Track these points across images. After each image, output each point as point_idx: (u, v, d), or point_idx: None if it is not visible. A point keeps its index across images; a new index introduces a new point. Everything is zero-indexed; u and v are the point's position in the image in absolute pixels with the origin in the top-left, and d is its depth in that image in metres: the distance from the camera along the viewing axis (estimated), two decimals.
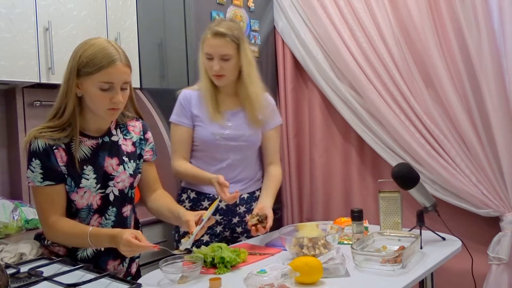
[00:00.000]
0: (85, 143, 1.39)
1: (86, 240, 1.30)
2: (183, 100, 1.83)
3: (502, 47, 1.95)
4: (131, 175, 1.46)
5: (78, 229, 1.34)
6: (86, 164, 1.37)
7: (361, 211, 1.64)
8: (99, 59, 1.31)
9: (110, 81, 1.32)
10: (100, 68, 1.30)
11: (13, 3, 1.92)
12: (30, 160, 1.33)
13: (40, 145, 1.32)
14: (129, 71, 1.37)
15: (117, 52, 1.33)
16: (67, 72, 1.36)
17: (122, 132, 1.49)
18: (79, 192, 1.36)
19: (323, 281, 1.28)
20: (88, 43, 1.35)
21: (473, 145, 2.02)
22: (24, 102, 2.23)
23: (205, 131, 1.79)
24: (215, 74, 1.75)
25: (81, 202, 1.37)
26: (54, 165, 1.33)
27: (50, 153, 1.33)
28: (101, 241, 1.31)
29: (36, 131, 1.34)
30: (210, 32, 1.73)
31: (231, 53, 1.73)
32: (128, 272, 1.51)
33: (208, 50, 1.74)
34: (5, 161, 2.24)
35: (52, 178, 1.33)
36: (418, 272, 1.36)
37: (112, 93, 1.33)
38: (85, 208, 1.39)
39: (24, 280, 1.18)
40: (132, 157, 1.48)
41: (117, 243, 1.27)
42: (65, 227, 1.34)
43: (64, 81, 1.36)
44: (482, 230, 2.06)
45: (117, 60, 1.32)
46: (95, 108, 1.35)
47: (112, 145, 1.44)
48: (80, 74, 1.32)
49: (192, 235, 1.37)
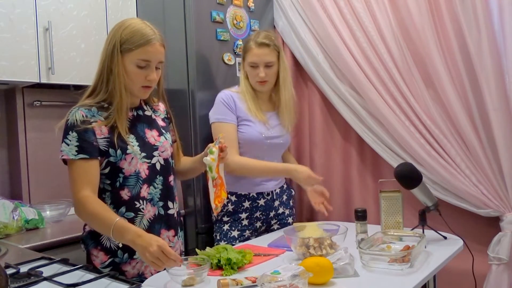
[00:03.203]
0: None
1: (109, 227, 1.29)
2: (226, 99, 1.99)
3: (502, 47, 1.94)
4: (171, 145, 1.59)
5: (106, 214, 1.33)
6: (127, 134, 1.44)
7: (365, 210, 1.65)
8: (138, 37, 1.39)
9: (147, 59, 1.40)
10: (139, 46, 1.38)
11: (13, 3, 1.92)
12: (66, 133, 1.38)
13: (78, 118, 1.38)
14: (164, 51, 1.46)
15: (153, 32, 1.42)
16: (106, 51, 1.42)
17: (151, 109, 1.59)
18: (127, 158, 1.43)
19: (333, 282, 1.28)
20: (126, 22, 1.43)
21: (473, 145, 2.01)
22: (24, 102, 2.23)
23: (253, 130, 1.98)
24: (260, 80, 1.98)
25: (129, 169, 1.43)
26: (91, 138, 1.38)
27: (88, 127, 1.38)
28: (123, 233, 1.28)
29: (76, 107, 1.41)
30: (253, 43, 1.97)
31: (274, 60, 1.98)
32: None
33: (254, 59, 1.96)
34: (5, 161, 2.25)
35: (87, 152, 1.37)
36: (425, 271, 1.37)
37: (148, 71, 1.42)
38: (133, 175, 1.44)
39: (24, 280, 1.17)
40: (166, 129, 1.60)
41: (147, 242, 1.22)
42: (95, 207, 1.34)
43: (101, 61, 1.43)
44: (482, 230, 2.06)
45: (154, 39, 1.41)
46: (130, 84, 1.43)
47: (148, 118, 1.55)
48: (120, 51, 1.39)
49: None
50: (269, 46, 1.97)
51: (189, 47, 2.16)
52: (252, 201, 2.02)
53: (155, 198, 1.51)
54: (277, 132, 2.05)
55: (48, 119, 2.29)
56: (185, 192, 2.19)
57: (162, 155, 1.53)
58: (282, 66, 2.02)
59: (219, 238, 2.01)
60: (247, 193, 2.01)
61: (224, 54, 2.28)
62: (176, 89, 2.19)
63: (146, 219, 1.48)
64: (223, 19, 2.29)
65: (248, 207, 2.01)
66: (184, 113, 2.15)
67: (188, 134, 2.15)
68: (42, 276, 1.20)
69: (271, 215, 2.07)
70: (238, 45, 2.34)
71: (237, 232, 1.99)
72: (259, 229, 2.05)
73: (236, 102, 1.99)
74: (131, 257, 1.46)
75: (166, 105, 1.66)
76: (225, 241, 1.99)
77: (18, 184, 2.22)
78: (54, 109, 2.32)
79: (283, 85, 2.03)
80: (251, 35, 2.05)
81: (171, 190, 1.56)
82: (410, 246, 1.48)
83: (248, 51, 1.99)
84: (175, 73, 2.18)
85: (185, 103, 2.16)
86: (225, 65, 2.29)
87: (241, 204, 2.01)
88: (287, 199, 2.17)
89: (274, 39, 2.02)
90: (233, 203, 2.00)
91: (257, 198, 2.03)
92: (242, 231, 2.00)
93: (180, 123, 1.99)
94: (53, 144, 1.41)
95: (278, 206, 2.10)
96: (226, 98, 2.00)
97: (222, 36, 2.28)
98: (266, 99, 2.09)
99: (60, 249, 1.73)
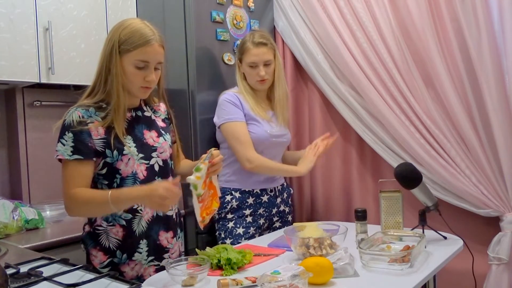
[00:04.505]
0: None
1: (106, 202, 1.31)
2: (233, 99, 2.02)
3: (502, 47, 1.94)
4: (170, 146, 1.58)
5: (98, 193, 1.38)
6: (124, 135, 1.44)
7: (365, 211, 1.65)
8: (137, 37, 1.38)
9: (146, 59, 1.40)
10: (138, 46, 1.38)
11: (13, 3, 1.92)
12: (63, 133, 1.38)
13: (75, 119, 1.38)
14: (163, 52, 1.45)
15: (153, 33, 1.41)
16: (105, 51, 1.42)
17: (151, 110, 1.59)
18: (124, 159, 1.42)
19: (333, 282, 1.28)
20: (125, 23, 1.42)
21: (473, 145, 2.01)
22: (24, 102, 2.23)
23: (261, 130, 2.03)
24: (260, 79, 2.02)
25: (126, 170, 1.43)
26: (86, 140, 1.38)
27: (84, 128, 1.38)
28: (121, 198, 1.32)
29: (74, 107, 1.41)
30: (251, 43, 2.01)
31: (271, 58, 2.03)
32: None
33: (253, 59, 2.00)
34: (5, 161, 2.25)
35: (81, 153, 1.37)
36: (425, 271, 1.37)
37: (146, 72, 1.41)
38: (130, 176, 1.44)
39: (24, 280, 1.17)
40: (166, 130, 1.59)
41: (150, 188, 1.29)
42: (85, 193, 1.37)
43: (101, 61, 1.43)
44: (482, 230, 2.06)
45: (153, 40, 1.40)
46: (129, 85, 1.42)
47: (147, 119, 1.54)
48: (119, 51, 1.39)
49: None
50: (266, 45, 2.01)
51: (189, 47, 2.16)
52: (256, 197, 2.06)
53: None
54: (280, 130, 2.10)
55: (48, 119, 2.29)
56: (185, 192, 2.18)
57: (160, 156, 1.52)
58: (278, 64, 2.07)
59: (224, 236, 2.02)
60: (251, 190, 2.05)
61: (224, 54, 2.28)
62: (176, 89, 2.19)
63: (145, 220, 1.48)
64: (223, 19, 2.29)
65: (252, 204, 2.05)
66: (184, 113, 2.15)
67: (188, 134, 2.15)
68: (42, 276, 1.19)
69: (273, 212, 2.12)
70: (238, 45, 2.34)
71: (242, 230, 2.01)
72: (262, 226, 2.09)
73: (242, 102, 2.03)
74: (129, 258, 1.46)
75: (166, 106, 1.65)
76: (231, 238, 2.00)
77: (18, 184, 2.22)
78: (54, 109, 2.32)
79: (278, 83, 2.08)
80: (246, 36, 2.08)
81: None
82: (410, 246, 1.48)
83: (246, 51, 2.02)
84: (175, 73, 2.18)
85: (185, 103, 2.16)
86: (225, 65, 2.29)
87: (245, 200, 2.04)
88: (287, 197, 2.21)
89: (270, 37, 2.07)
90: (237, 199, 2.03)
91: (261, 194, 2.07)
92: (247, 228, 2.02)
93: (180, 123, 1.98)
94: (53, 144, 1.41)
95: (280, 203, 2.14)
96: (232, 98, 2.02)
97: (222, 36, 2.28)
98: (264, 98, 2.13)
99: (60, 249, 1.73)
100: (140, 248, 1.47)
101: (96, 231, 1.46)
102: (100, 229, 1.46)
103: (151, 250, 1.49)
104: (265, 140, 2.03)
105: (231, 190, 2.04)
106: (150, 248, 1.49)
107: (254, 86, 2.06)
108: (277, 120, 2.10)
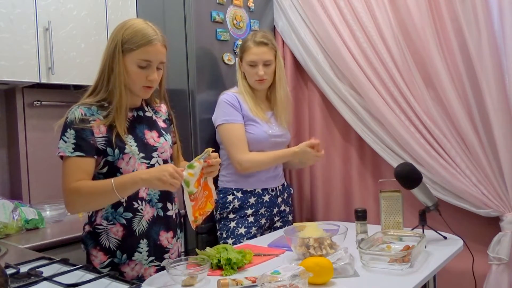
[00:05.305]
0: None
1: (110, 190, 1.32)
2: (232, 100, 2.03)
3: (502, 47, 1.94)
4: (170, 146, 1.59)
5: (101, 183, 1.38)
6: (126, 134, 1.44)
7: (365, 210, 1.65)
8: (140, 37, 1.40)
9: (148, 59, 1.41)
10: (140, 46, 1.39)
11: (13, 3, 1.92)
12: (64, 131, 1.39)
13: (77, 117, 1.39)
14: (166, 52, 1.46)
15: (155, 33, 1.43)
16: (108, 50, 1.43)
17: (152, 111, 1.60)
18: (125, 158, 1.43)
19: (333, 282, 1.28)
20: (128, 23, 1.44)
21: (473, 145, 2.01)
22: (24, 102, 2.23)
23: (260, 130, 2.03)
24: (259, 79, 2.02)
25: (127, 168, 1.43)
26: (88, 137, 1.38)
27: (86, 126, 1.39)
28: (126, 182, 1.33)
29: (76, 105, 1.41)
30: (252, 42, 2.02)
31: (272, 59, 2.03)
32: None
33: (253, 58, 2.01)
34: (5, 161, 2.25)
35: (83, 150, 1.38)
36: (425, 271, 1.37)
37: (149, 71, 1.42)
38: None
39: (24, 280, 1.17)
40: (166, 131, 1.60)
41: (158, 171, 1.31)
42: (88, 184, 1.37)
43: (103, 60, 1.44)
44: (482, 230, 2.06)
45: (156, 40, 1.41)
46: (131, 84, 1.44)
47: (148, 119, 1.55)
48: (121, 51, 1.40)
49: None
50: (267, 45, 2.02)
51: (189, 47, 2.16)
52: (257, 197, 2.07)
53: (154, 199, 1.51)
54: (279, 130, 2.11)
55: (48, 119, 2.29)
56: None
57: (161, 156, 1.53)
58: (279, 65, 2.08)
59: (225, 236, 2.02)
60: (253, 189, 2.06)
61: (224, 54, 2.28)
62: (176, 89, 2.19)
63: (145, 220, 1.48)
64: (223, 19, 2.29)
65: (253, 203, 2.05)
66: (184, 113, 2.15)
67: (188, 134, 2.15)
68: (42, 276, 1.19)
69: (274, 211, 2.12)
70: (238, 45, 2.34)
71: (244, 229, 2.01)
72: (263, 226, 2.09)
73: (241, 103, 2.04)
74: (130, 258, 1.46)
75: (167, 106, 1.66)
76: (233, 238, 2.00)
77: (18, 184, 2.22)
78: (54, 109, 2.32)
79: (279, 84, 2.09)
80: (248, 35, 2.10)
81: (170, 191, 1.56)
82: (410, 246, 1.48)
83: (247, 50, 2.03)
84: (175, 73, 2.18)
85: (185, 103, 2.16)
86: (225, 65, 2.29)
87: (247, 200, 2.05)
88: (287, 197, 2.22)
89: (272, 38, 2.08)
90: (239, 199, 2.04)
91: (262, 194, 2.08)
92: (249, 228, 2.02)
93: (180, 123, 1.98)
94: (53, 144, 1.41)
95: (280, 203, 2.15)
96: (230, 99, 2.03)
97: (222, 36, 2.28)
98: (263, 99, 2.14)
99: (60, 249, 1.73)
100: (140, 248, 1.47)
101: (97, 230, 1.46)
102: (101, 228, 1.46)
103: (151, 250, 1.50)
104: (264, 140, 2.04)
105: (232, 190, 2.05)
106: (151, 248, 1.49)
107: (253, 85, 2.07)
108: (277, 121, 2.11)
